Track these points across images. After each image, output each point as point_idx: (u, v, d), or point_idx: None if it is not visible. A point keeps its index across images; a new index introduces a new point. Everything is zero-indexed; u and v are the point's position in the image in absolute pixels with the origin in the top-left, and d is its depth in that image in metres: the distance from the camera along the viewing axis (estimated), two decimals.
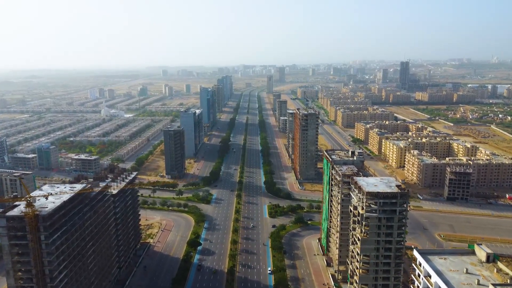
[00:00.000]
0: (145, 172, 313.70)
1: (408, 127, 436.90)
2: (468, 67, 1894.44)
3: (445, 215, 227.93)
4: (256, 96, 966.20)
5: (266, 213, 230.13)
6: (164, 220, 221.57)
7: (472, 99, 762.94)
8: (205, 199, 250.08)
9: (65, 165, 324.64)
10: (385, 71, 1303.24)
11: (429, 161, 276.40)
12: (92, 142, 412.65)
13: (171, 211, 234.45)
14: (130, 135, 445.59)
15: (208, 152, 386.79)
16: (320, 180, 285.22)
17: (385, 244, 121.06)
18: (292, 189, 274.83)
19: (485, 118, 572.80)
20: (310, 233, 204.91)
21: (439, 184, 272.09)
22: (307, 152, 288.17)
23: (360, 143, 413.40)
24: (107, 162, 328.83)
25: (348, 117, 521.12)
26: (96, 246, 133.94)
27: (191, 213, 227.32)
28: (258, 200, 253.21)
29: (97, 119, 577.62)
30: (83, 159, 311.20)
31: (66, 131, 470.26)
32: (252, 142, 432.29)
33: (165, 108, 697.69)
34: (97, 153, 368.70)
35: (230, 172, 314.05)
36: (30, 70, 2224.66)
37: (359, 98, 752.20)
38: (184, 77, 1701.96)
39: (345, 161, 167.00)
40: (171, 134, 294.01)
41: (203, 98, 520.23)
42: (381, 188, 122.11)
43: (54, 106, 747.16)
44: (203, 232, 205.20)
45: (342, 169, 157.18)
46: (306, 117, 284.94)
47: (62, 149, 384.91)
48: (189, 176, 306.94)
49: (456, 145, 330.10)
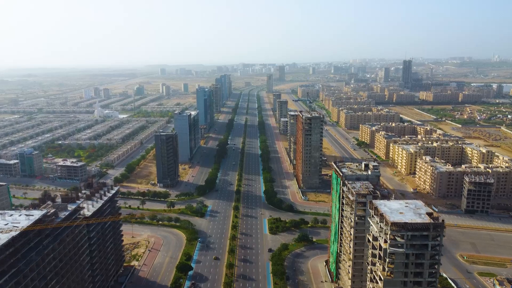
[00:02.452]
0: (135, 180, 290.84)
1: (416, 130, 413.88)
2: (470, 65, 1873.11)
3: (465, 231, 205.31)
4: (255, 95, 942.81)
5: (266, 229, 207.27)
6: (153, 237, 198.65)
7: (478, 99, 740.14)
8: (199, 211, 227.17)
9: (50, 171, 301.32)
10: (387, 70, 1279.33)
11: (443, 169, 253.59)
12: (82, 146, 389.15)
13: (161, 226, 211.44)
14: (122, 138, 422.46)
15: (204, 156, 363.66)
16: (325, 189, 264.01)
17: (413, 285, 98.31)
18: (295, 199, 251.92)
19: (494, 119, 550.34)
20: (316, 253, 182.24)
21: (455, 194, 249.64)
22: (310, 159, 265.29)
23: (366, 146, 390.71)
24: (95, 169, 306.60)
25: (351, 118, 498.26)
26: (62, 283, 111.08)
27: (183, 229, 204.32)
28: (257, 212, 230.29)
29: (90, 120, 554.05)
30: (69, 166, 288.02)
31: (55, 133, 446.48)
32: (251, 145, 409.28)
33: (161, 108, 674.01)
34: (86, 158, 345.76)
35: (227, 180, 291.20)
36: (27, 69, 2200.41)
37: (361, 98, 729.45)
38: (182, 75, 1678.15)
39: (358, 176, 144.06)
40: (163, 139, 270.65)
41: (199, 98, 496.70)
42: (408, 217, 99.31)
43: (46, 106, 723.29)
44: (195, 252, 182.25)
45: (356, 186, 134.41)
46: (310, 121, 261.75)
47: (49, 153, 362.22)
48: (182, 184, 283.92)
49: (470, 150, 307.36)
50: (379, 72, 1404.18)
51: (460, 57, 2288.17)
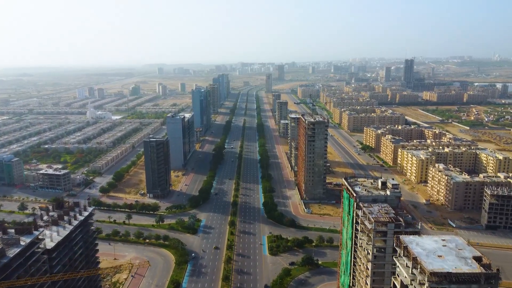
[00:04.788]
0: (123, 189, 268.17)
1: (424, 133, 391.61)
2: (471, 64, 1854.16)
3: (488, 251, 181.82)
4: (254, 95, 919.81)
5: (266, 249, 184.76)
6: (138, 258, 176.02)
7: (484, 99, 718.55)
8: (191, 227, 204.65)
9: (32, 180, 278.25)
10: (388, 69, 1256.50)
11: (460, 179, 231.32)
12: (70, 150, 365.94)
13: (148, 245, 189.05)
14: (113, 141, 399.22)
15: (199, 162, 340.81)
16: (330, 200, 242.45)
17: None
18: (297, 212, 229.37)
19: (502, 120, 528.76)
20: (322, 279, 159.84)
21: (473, 207, 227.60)
22: (314, 167, 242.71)
23: (371, 150, 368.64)
24: (80, 177, 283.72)
25: (354, 120, 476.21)
26: None
27: (172, 249, 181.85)
28: (256, 228, 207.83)
29: (81, 121, 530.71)
30: (51, 174, 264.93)
31: (43, 136, 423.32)
32: (250, 149, 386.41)
33: (156, 109, 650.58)
34: (73, 164, 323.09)
35: (223, 189, 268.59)
36: (22, 68, 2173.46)
37: (363, 98, 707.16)
38: (180, 75, 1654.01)
39: (375, 197, 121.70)
40: (153, 145, 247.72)
41: (195, 99, 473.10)
42: (450, 263, 76.85)
43: (38, 106, 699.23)
44: (184, 279, 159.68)
45: (373, 211, 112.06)
46: (313, 126, 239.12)
47: (33, 158, 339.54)
48: (174, 194, 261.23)
49: (485, 156, 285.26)
50: (380, 72, 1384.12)
51: (460, 56, 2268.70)
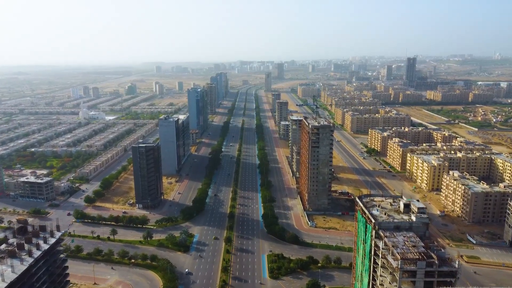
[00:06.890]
0: (111, 198, 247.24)
1: (432, 135, 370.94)
2: (472, 63, 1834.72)
3: None
4: (253, 94, 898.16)
5: (266, 271, 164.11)
6: (120, 283, 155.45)
7: (489, 99, 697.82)
8: (182, 244, 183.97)
9: (13, 188, 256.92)
10: (389, 68, 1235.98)
11: (478, 189, 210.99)
12: (57, 154, 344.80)
13: (133, 265, 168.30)
14: (104, 144, 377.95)
15: (194, 167, 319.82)
16: (335, 211, 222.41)
17: None
18: (300, 226, 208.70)
19: (511, 121, 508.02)
20: None
21: (492, 220, 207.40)
22: (318, 175, 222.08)
23: (376, 154, 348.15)
24: (65, 185, 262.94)
25: (358, 121, 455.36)
26: None
27: (160, 272, 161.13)
28: (254, 245, 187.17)
29: (73, 122, 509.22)
30: (32, 182, 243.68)
31: (30, 139, 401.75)
32: (248, 153, 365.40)
33: (152, 109, 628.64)
34: (59, 169, 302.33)
35: (219, 198, 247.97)
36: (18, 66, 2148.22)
37: (366, 97, 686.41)
38: (178, 73, 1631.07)
39: (397, 223, 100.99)
40: (142, 151, 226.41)
41: (191, 99, 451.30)
42: None
43: (30, 106, 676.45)
44: None
45: (397, 242, 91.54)
46: (318, 130, 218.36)
47: (17, 163, 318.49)
48: (166, 204, 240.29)
49: (501, 161, 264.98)
50: (381, 70, 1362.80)
51: (461, 54, 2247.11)
